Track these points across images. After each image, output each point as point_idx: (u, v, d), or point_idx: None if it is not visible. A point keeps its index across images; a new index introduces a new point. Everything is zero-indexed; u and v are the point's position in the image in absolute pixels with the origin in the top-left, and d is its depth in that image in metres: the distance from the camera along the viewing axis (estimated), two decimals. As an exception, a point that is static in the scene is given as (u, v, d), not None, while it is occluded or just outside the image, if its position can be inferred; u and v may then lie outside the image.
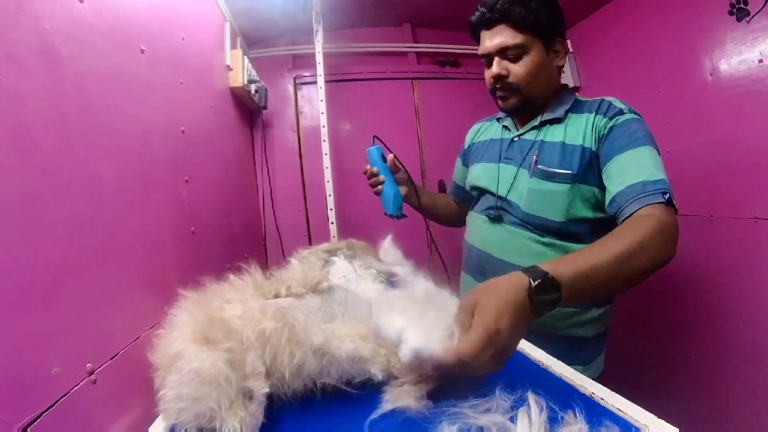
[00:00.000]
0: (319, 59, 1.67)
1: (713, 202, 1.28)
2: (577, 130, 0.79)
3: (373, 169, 0.94)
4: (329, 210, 1.65)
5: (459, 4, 0.74)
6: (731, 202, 1.23)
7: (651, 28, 1.46)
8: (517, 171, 0.85)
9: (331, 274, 0.77)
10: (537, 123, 0.85)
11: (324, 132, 1.64)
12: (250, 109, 1.78)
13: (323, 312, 0.61)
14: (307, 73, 1.90)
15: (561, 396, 0.47)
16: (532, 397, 0.45)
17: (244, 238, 1.48)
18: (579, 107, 0.83)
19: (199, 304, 0.54)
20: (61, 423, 0.43)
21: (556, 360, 0.58)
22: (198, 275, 0.63)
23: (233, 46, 1.47)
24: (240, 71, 1.43)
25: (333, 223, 1.64)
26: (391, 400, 0.49)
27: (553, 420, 0.43)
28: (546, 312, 0.49)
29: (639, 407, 0.44)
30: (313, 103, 1.89)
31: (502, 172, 0.88)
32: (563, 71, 0.92)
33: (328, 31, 1.72)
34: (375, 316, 0.55)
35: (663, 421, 0.41)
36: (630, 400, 0.46)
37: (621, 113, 0.76)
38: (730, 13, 1.19)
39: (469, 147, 1.07)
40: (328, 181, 1.64)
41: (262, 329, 0.48)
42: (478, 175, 0.96)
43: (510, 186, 0.86)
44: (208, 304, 0.55)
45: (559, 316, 0.80)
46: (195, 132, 1.02)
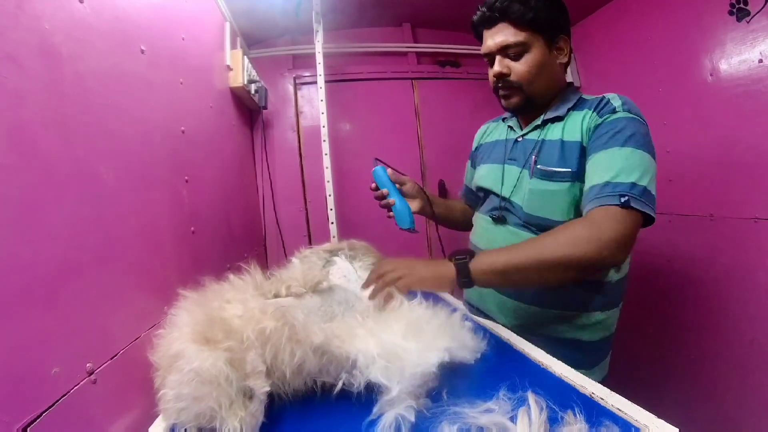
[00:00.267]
0: (319, 59, 1.66)
1: (713, 202, 1.28)
2: (574, 127, 0.79)
3: (382, 191, 0.92)
4: (329, 210, 1.65)
5: (459, 4, 0.74)
6: (731, 202, 1.23)
7: (651, 28, 1.46)
8: (520, 172, 0.84)
9: (332, 273, 0.77)
10: (539, 122, 0.85)
11: (324, 132, 1.64)
12: (250, 109, 1.79)
13: (323, 312, 0.61)
14: (307, 73, 1.90)
15: (561, 396, 0.47)
16: (532, 397, 0.45)
17: (244, 238, 1.48)
18: (581, 105, 0.82)
19: (199, 304, 0.54)
20: (61, 423, 0.43)
21: (556, 360, 0.58)
22: (198, 275, 0.63)
23: (233, 46, 1.47)
24: (240, 71, 1.43)
25: (333, 223, 1.64)
26: (381, 406, 0.47)
27: (553, 420, 0.43)
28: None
29: (639, 407, 0.44)
30: (313, 103, 1.89)
31: (506, 173, 0.88)
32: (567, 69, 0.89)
33: (328, 31, 1.72)
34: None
35: (663, 421, 0.41)
36: (630, 400, 0.46)
37: (613, 111, 0.74)
38: (730, 13, 1.19)
39: (477, 149, 1.06)
40: (328, 181, 1.64)
41: (263, 328, 0.48)
42: (483, 175, 0.95)
43: (513, 187, 0.85)
44: (208, 304, 0.55)
45: (562, 320, 0.80)
46: (195, 132, 1.02)
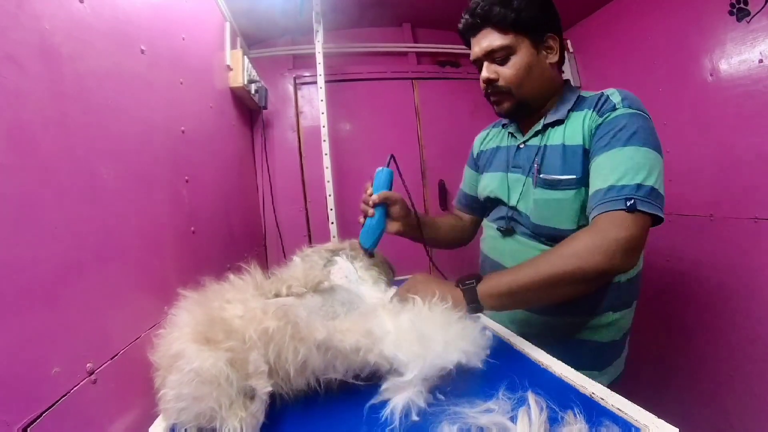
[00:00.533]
0: (319, 59, 1.67)
1: (713, 202, 1.28)
2: (575, 130, 0.76)
3: (372, 197, 0.80)
4: (329, 210, 1.65)
5: (459, 4, 0.74)
6: (731, 202, 1.23)
7: (651, 28, 1.46)
8: (525, 180, 0.82)
9: (333, 273, 0.77)
10: (540, 127, 0.82)
11: (324, 132, 1.64)
12: (250, 109, 1.79)
13: (324, 311, 0.61)
14: (307, 73, 1.90)
15: (561, 396, 0.47)
16: (532, 397, 0.45)
17: (244, 238, 1.48)
18: (580, 104, 0.79)
19: (199, 304, 0.54)
20: (61, 423, 0.43)
21: (556, 360, 0.58)
22: (198, 275, 0.63)
23: (233, 46, 1.47)
24: (240, 71, 1.43)
25: (333, 223, 1.64)
26: (385, 391, 0.49)
27: (553, 420, 0.43)
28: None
29: (639, 407, 0.44)
30: (313, 103, 1.90)
31: (511, 182, 0.86)
32: (563, 69, 0.87)
33: (328, 31, 1.72)
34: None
35: (663, 421, 0.41)
36: (630, 400, 0.46)
37: (613, 109, 0.71)
38: (730, 13, 1.19)
39: (478, 155, 1.03)
40: (328, 181, 1.65)
41: (265, 328, 0.48)
42: (487, 185, 0.93)
43: (520, 195, 0.83)
44: (209, 304, 0.55)
45: (576, 325, 0.79)
46: (195, 132, 1.02)
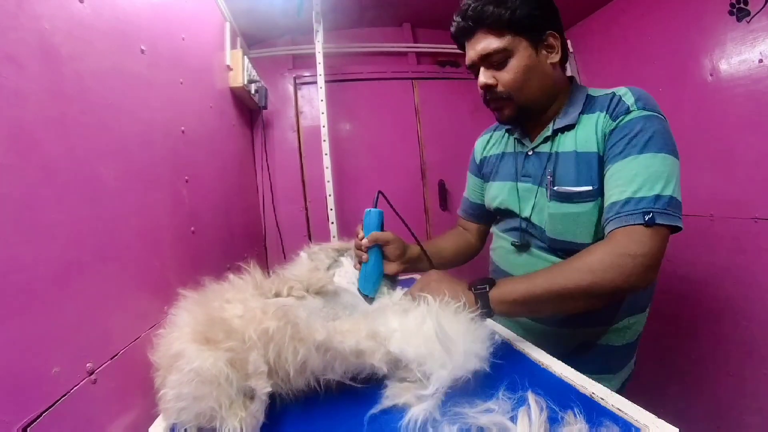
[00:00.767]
0: (319, 59, 1.66)
1: (713, 202, 1.28)
2: (588, 135, 0.71)
3: (363, 242, 0.75)
4: (329, 210, 1.65)
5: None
6: (731, 202, 1.23)
7: (651, 28, 1.46)
8: (537, 190, 0.77)
9: (337, 275, 0.77)
10: (549, 132, 0.76)
11: (324, 132, 1.64)
12: (250, 109, 1.79)
13: (325, 313, 0.61)
14: (307, 73, 1.90)
15: (561, 396, 0.47)
16: (532, 397, 0.45)
17: (244, 238, 1.48)
18: (591, 106, 0.73)
19: (199, 304, 0.54)
20: (61, 423, 0.43)
21: (556, 360, 0.58)
22: (198, 275, 0.63)
23: (233, 46, 1.47)
24: (240, 71, 1.43)
25: (333, 223, 1.64)
26: (392, 396, 0.49)
27: (553, 420, 0.43)
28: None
29: (639, 407, 0.44)
30: (313, 103, 1.90)
31: (521, 192, 0.80)
32: (566, 67, 0.81)
33: (328, 31, 1.72)
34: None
35: (663, 421, 0.41)
36: (630, 400, 0.46)
37: (627, 111, 0.66)
38: (730, 13, 1.19)
39: (482, 162, 0.96)
40: (329, 181, 1.64)
41: (265, 328, 0.48)
42: (496, 195, 0.87)
43: (532, 207, 0.78)
44: (209, 303, 0.55)
45: (591, 333, 0.77)
46: (195, 132, 1.02)
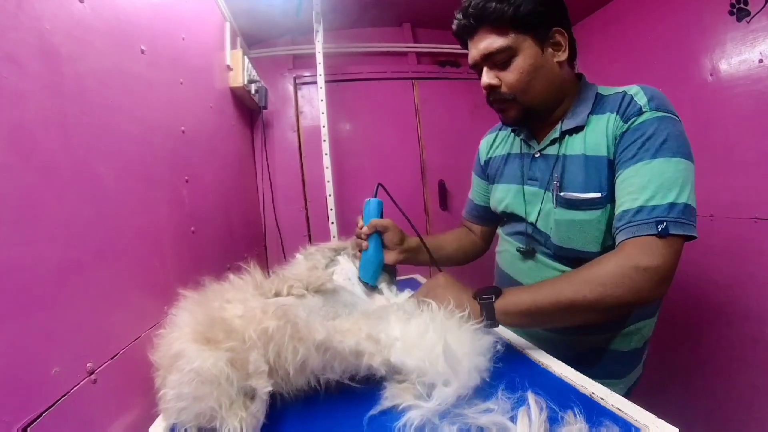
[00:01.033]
0: (320, 59, 1.67)
1: (713, 202, 1.28)
2: (597, 137, 0.67)
3: (363, 229, 0.78)
4: (329, 210, 1.65)
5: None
6: (731, 202, 1.23)
7: (651, 27, 1.46)
8: (543, 194, 0.75)
9: (336, 273, 0.77)
10: (557, 134, 0.73)
11: (324, 132, 1.64)
12: (250, 109, 1.79)
13: (325, 312, 0.61)
14: (307, 73, 1.91)
15: (561, 396, 0.47)
16: (532, 397, 0.45)
17: (244, 238, 1.48)
18: (601, 105, 0.70)
19: (199, 304, 0.54)
20: (61, 423, 0.43)
21: (555, 360, 0.58)
22: (198, 275, 0.63)
23: (233, 46, 1.47)
24: (240, 71, 1.43)
25: (333, 223, 1.64)
26: (391, 397, 0.49)
27: (553, 420, 0.43)
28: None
29: (639, 407, 0.44)
30: (313, 103, 1.90)
31: (527, 196, 0.78)
32: (575, 63, 0.77)
33: (328, 31, 1.72)
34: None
35: (663, 421, 0.42)
36: (630, 400, 0.46)
37: (639, 112, 0.63)
38: (730, 13, 1.19)
39: (486, 163, 0.93)
40: (329, 181, 1.65)
41: (265, 328, 0.48)
42: (502, 198, 0.85)
43: (538, 212, 0.76)
44: (209, 303, 0.55)
45: (599, 340, 0.76)
46: (195, 132, 1.02)
